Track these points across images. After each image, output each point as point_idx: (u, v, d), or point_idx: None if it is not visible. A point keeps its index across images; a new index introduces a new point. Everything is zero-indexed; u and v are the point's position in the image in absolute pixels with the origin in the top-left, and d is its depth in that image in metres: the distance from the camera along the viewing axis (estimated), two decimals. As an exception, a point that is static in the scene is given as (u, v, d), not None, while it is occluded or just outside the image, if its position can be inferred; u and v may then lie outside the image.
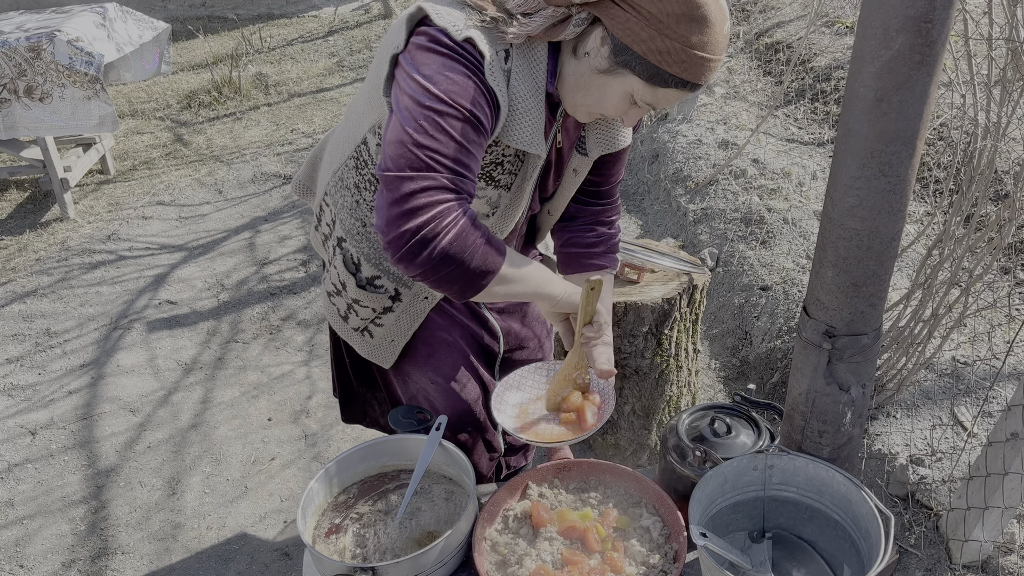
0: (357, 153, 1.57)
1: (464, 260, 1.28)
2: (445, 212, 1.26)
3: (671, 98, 1.36)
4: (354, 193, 1.62)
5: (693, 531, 1.27)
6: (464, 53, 1.30)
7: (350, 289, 1.71)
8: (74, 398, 3.23)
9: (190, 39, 7.70)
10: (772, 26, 5.89)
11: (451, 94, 1.28)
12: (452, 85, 1.28)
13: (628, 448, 2.66)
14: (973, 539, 2.07)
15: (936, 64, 1.15)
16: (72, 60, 4.02)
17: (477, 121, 1.30)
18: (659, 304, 2.37)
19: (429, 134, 1.26)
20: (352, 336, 1.82)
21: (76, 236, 4.43)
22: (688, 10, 1.24)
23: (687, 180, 4.25)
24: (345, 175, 1.62)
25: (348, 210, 1.64)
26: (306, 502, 1.57)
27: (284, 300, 3.79)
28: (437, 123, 1.27)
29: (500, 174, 1.53)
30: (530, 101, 1.39)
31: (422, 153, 1.26)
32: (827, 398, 1.44)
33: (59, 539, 2.61)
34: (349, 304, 1.74)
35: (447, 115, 1.28)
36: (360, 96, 1.59)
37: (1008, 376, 2.56)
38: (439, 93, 1.28)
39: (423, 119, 1.27)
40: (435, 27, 1.32)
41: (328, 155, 1.74)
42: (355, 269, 1.69)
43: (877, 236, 1.28)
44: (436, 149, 1.26)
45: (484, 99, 1.32)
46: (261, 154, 5.34)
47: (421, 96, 1.28)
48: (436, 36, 1.31)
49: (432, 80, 1.28)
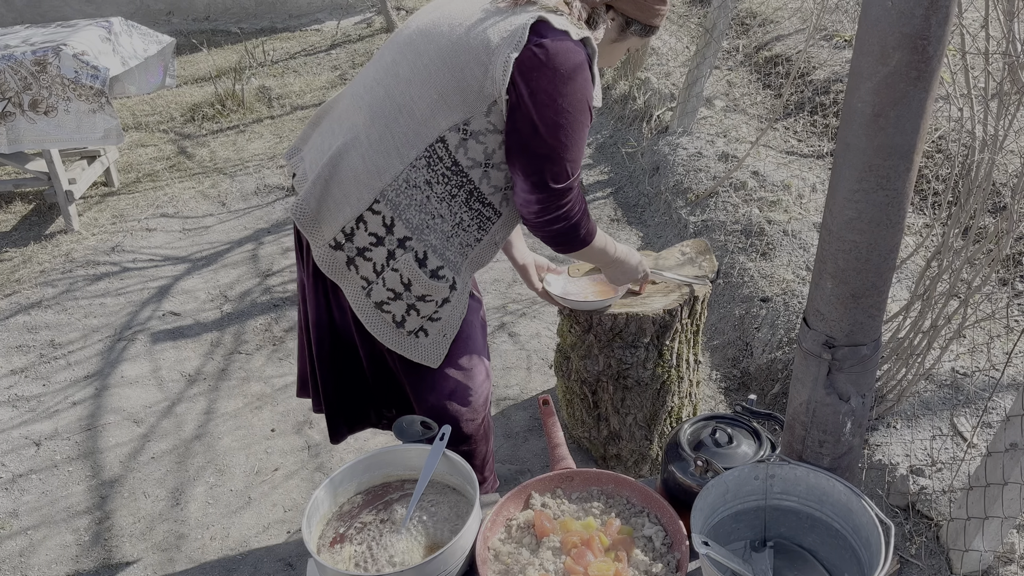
0: (430, 152, 1.68)
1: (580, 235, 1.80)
2: (574, 209, 1.74)
3: (645, 41, 1.89)
4: (424, 190, 1.71)
5: (695, 540, 1.28)
6: (583, 50, 1.63)
7: (418, 285, 1.77)
8: (78, 409, 3.24)
9: (194, 53, 7.75)
10: (771, 40, 5.94)
11: (587, 99, 1.65)
12: (585, 88, 1.64)
13: (630, 459, 2.68)
14: (973, 549, 2.08)
15: (932, 80, 1.18)
16: (78, 74, 4.06)
17: (592, 114, 1.69)
18: (660, 315, 2.39)
19: (575, 144, 1.66)
20: (404, 342, 1.85)
21: (80, 248, 4.45)
22: None
23: (687, 192, 4.28)
24: (413, 175, 1.70)
25: (417, 207, 1.73)
26: (310, 512, 1.58)
27: (287, 311, 3.81)
28: (578, 133, 1.66)
29: None
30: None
31: (568, 165, 1.67)
32: (827, 408, 1.46)
33: (63, 550, 2.62)
34: (410, 304, 1.80)
35: (584, 124, 1.66)
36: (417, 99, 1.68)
37: (1007, 387, 2.57)
38: (582, 103, 1.64)
39: (573, 131, 1.65)
40: (556, 31, 1.60)
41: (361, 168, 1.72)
42: (421, 263, 1.77)
43: (876, 248, 1.30)
44: (575, 159, 1.68)
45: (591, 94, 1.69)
46: (264, 166, 5.37)
47: (572, 108, 1.62)
48: (563, 39, 1.60)
49: (574, 90, 1.61)
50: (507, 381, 3.26)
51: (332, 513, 1.66)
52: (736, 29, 6.56)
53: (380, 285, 1.79)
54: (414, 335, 1.86)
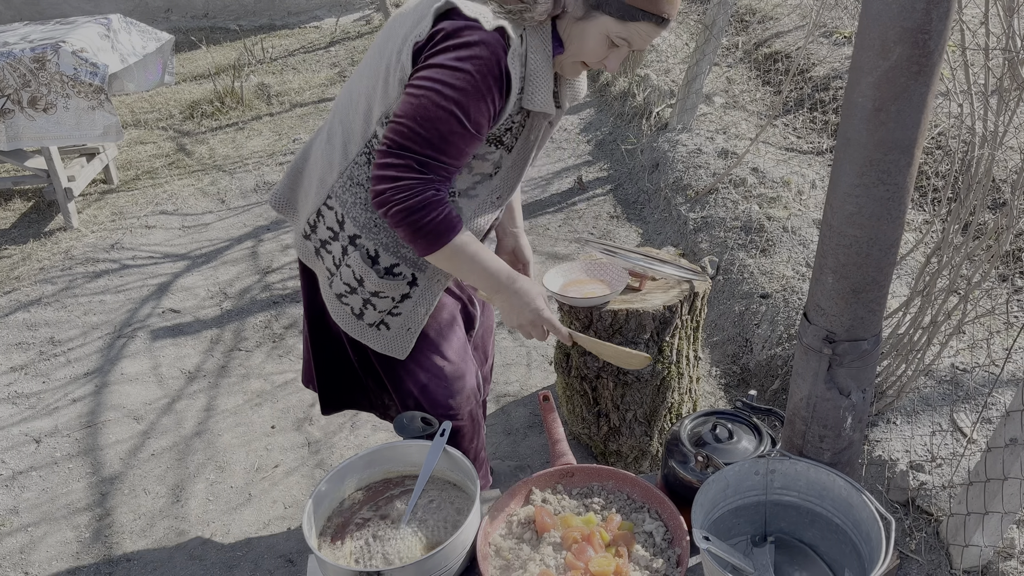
0: (368, 148, 1.65)
1: (415, 224, 1.53)
2: (404, 187, 1.51)
3: (644, 33, 1.51)
4: (367, 187, 1.68)
5: (696, 535, 1.28)
6: (488, 45, 1.46)
7: (369, 282, 1.75)
8: (78, 406, 3.24)
9: (193, 50, 7.75)
10: (771, 36, 5.93)
11: (456, 91, 1.46)
12: (460, 82, 1.46)
13: (630, 455, 2.68)
14: (973, 544, 2.09)
15: (933, 74, 1.18)
16: (77, 71, 4.05)
17: (467, 118, 1.49)
18: (660, 311, 2.39)
19: (419, 121, 1.48)
20: (366, 333, 1.85)
21: (80, 245, 4.45)
22: None
23: (687, 189, 4.28)
24: (355, 172, 1.69)
25: (363, 206, 1.70)
26: (311, 508, 1.58)
27: (287, 308, 3.81)
28: (428, 113, 1.47)
29: (508, 138, 1.67)
30: (543, 70, 1.57)
31: (408, 134, 1.49)
32: (828, 403, 1.46)
33: (64, 546, 2.62)
34: (366, 299, 1.78)
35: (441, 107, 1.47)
36: (358, 96, 1.66)
37: (1007, 382, 2.57)
38: (443, 89, 1.46)
39: (419, 107, 1.47)
40: (465, 17, 1.46)
41: (322, 161, 1.77)
42: (373, 261, 1.74)
43: (876, 243, 1.30)
44: (418, 133, 1.49)
45: (492, 92, 1.50)
46: (263, 163, 5.37)
47: (428, 87, 1.47)
48: (462, 28, 1.46)
49: (444, 75, 1.46)
50: (507, 377, 3.26)
51: (333, 509, 1.66)
52: (736, 26, 6.55)
53: (339, 278, 1.81)
54: (375, 327, 1.84)
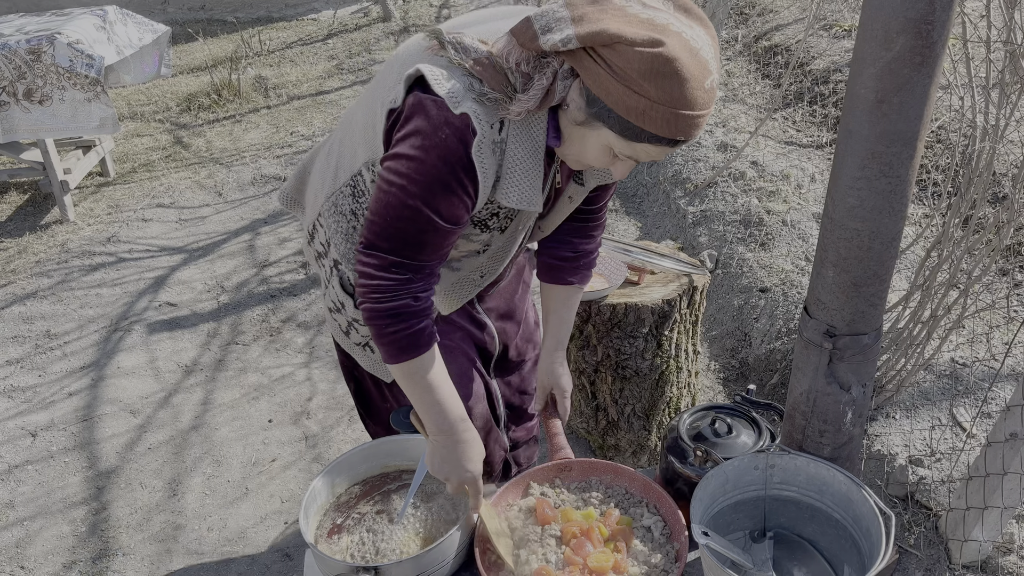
0: (354, 182, 1.55)
1: (379, 330, 1.41)
2: (379, 288, 1.38)
3: (651, 152, 1.31)
4: (350, 219, 1.58)
5: (695, 530, 1.27)
6: (454, 129, 1.29)
7: (348, 309, 1.69)
8: (74, 400, 3.23)
9: (189, 42, 7.71)
10: (770, 29, 5.91)
11: (420, 188, 1.32)
12: (423, 177, 1.32)
13: (628, 449, 2.67)
14: (972, 539, 2.08)
15: (936, 65, 1.16)
16: (72, 62, 4.02)
17: (437, 215, 1.35)
18: (659, 305, 2.38)
19: (390, 221, 1.36)
20: (354, 350, 1.81)
21: (76, 238, 4.43)
22: (656, 66, 1.18)
23: (686, 182, 4.26)
24: (340, 201, 1.59)
25: (344, 235, 1.61)
26: (308, 502, 1.57)
27: (284, 302, 3.80)
28: (397, 212, 1.34)
29: (494, 222, 1.54)
30: (527, 163, 1.39)
31: (380, 233, 1.37)
32: (828, 397, 1.45)
33: (60, 540, 2.61)
34: (349, 322, 1.72)
35: (407, 207, 1.34)
36: (355, 122, 1.55)
37: (1007, 377, 2.57)
38: (408, 185, 1.32)
39: (387, 206, 1.35)
40: (431, 96, 1.30)
41: (320, 173, 1.69)
42: (352, 291, 1.66)
43: (878, 236, 1.29)
44: (391, 234, 1.36)
45: (459, 184, 1.34)
46: (261, 156, 5.34)
47: (394, 182, 1.33)
48: (429, 108, 1.30)
49: (408, 168, 1.32)
50: (505, 372, 3.25)
51: (330, 504, 1.65)
52: (735, 19, 6.53)
53: (327, 295, 1.76)
54: (361, 347, 1.79)
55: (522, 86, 1.29)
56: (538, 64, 1.28)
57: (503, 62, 1.29)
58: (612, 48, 1.19)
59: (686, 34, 1.20)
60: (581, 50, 1.23)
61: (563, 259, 1.79)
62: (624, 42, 1.18)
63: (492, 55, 1.31)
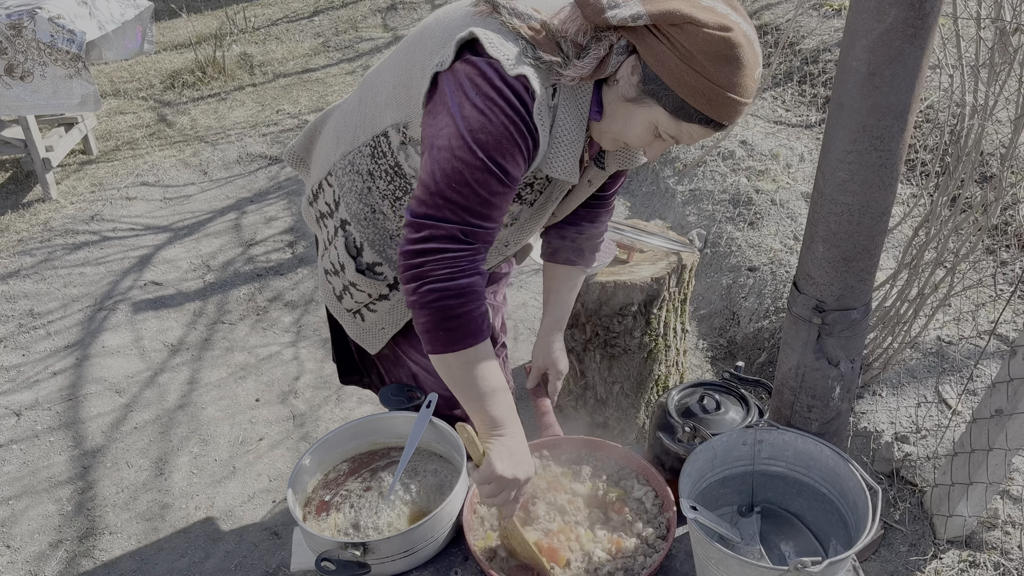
0: (375, 143, 1.54)
1: (446, 311, 1.34)
2: (448, 261, 1.33)
3: (694, 134, 1.34)
4: (366, 180, 1.58)
5: (683, 504, 1.27)
6: (514, 91, 1.29)
7: (348, 272, 1.69)
8: (59, 379, 3.20)
9: (173, 18, 7.60)
10: (760, 8, 5.88)
11: (487, 147, 1.29)
12: (489, 136, 1.29)
13: (616, 427, 2.68)
14: (957, 514, 2.10)
15: (929, 37, 1.15)
16: (54, 38, 3.96)
17: (504, 175, 1.32)
18: (648, 284, 2.37)
19: (454, 187, 1.31)
20: (344, 316, 1.81)
21: (59, 217, 4.38)
22: (723, 49, 1.23)
23: (675, 162, 4.25)
24: (358, 160, 1.58)
25: (357, 195, 1.60)
26: (295, 480, 1.56)
27: (271, 281, 3.77)
28: (463, 176, 1.30)
29: (528, 193, 1.55)
30: (573, 133, 1.39)
31: (444, 203, 1.32)
32: (816, 373, 1.45)
33: (46, 519, 2.59)
34: (346, 286, 1.72)
35: (476, 168, 1.30)
36: (382, 84, 1.53)
37: (992, 354, 2.59)
38: (473, 145, 1.29)
39: (452, 171, 1.30)
40: (487, 58, 1.30)
41: (334, 132, 1.69)
42: (356, 253, 1.66)
43: (868, 210, 1.29)
44: (456, 201, 1.31)
45: (522, 142, 1.32)
46: (246, 135, 5.29)
47: (456, 145, 1.30)
48: (486, 70, 1.29)
49: (471, 127, 1.29)
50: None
51: (318, 481, 1.64)
52: (724, -2, 6.49)
53: (327, 256, 1.75)
54: (352, 314, 1.78)
55: (575, 55, 1.31)
56: (596, 37, 1.30)
57: (559, 31, 1.31)
58: (681, 28, 1.23)
59: (742, 26, 1.26)
60: (644, 28, 1.26)
61: (570, 240, 1.79)
62: (695, 23, 1.22)
63: (546, 23, 1.32)
